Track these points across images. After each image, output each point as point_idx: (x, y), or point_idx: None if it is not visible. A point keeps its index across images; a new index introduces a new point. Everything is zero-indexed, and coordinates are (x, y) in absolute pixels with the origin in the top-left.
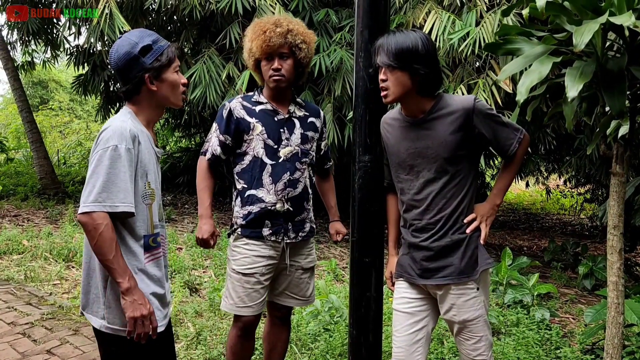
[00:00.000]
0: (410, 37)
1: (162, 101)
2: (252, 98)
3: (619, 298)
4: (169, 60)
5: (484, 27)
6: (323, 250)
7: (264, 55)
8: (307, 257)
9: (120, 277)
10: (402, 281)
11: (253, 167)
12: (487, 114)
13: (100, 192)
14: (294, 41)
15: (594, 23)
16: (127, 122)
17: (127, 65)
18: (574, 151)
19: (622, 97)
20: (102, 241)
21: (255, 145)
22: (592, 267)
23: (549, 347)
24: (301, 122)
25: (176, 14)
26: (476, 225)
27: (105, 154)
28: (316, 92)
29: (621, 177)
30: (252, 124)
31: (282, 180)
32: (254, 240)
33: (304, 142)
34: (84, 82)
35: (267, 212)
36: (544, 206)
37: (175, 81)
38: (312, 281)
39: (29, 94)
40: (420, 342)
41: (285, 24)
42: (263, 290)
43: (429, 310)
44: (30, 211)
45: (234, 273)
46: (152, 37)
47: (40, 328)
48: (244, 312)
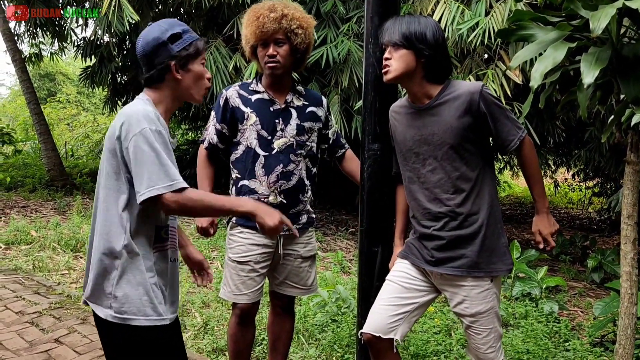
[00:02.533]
0: (420, 21)
1: (184, 92)
2: (250, 87)
3: (632, 288)
4: (196, 51)
5: (493, 17)
6: (329, 243)
7: (258, 41)
8: (306, 246)
9: (238, 207)
10: (406, 262)
11: (246, 157)
12: (494, 102)
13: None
14: (289, 26)
15: (611, 7)
16: (148, 107)
17: (154, 51)
18: (583, 144)
19: (638, 84)
20: (211, 205)
21: (248, 135)
22: (601, 261)
23: (558, 340)
24: (298, 112)
25: (183, 5)
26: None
27: (145, 136)
28: (323, 83)
29: (636, 165)
30: (247, 113)
31: (275, 172)
32: (249, 229)
33: (300, 133)
34: (92, 74)
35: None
36: (552, 200)
37: (200, 73)
38: (313, 270)
39: (36, 87)
40: (402, 317)
41: (280, 8)
42: (259, 278)
43: (423, 296)
44: (38, 202)
45: (230, 261)
46: (182, 27)
47: (49, 317)
48: (240, 300)
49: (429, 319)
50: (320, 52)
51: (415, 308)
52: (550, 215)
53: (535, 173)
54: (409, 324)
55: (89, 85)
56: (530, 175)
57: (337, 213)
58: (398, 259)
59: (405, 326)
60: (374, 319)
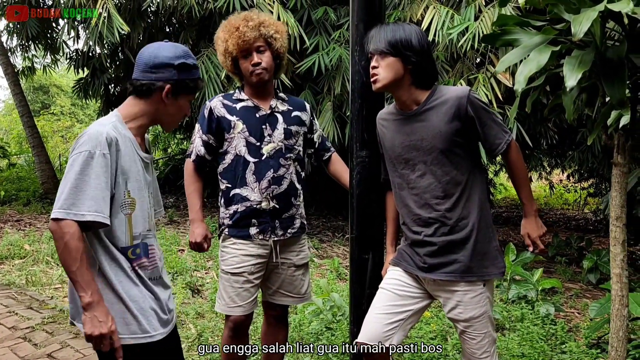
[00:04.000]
0: (405, 28)
1: (162, 117)
2: (233, 96)
3: (623, 290)
4: (193, 89)
5: (483, 22)
6: (325, 249)
7: (241, 52)
8: (298, 254)
9: (82, 291)
10: (399, 269)
11: (235, 165)
12: (481, 107)
13: (66, 199)
14: (267, 32)
15: (593, 11)
16: (106, 127)
17: (159, 66)
18: (577, 145)
19: (622, 86)
20: (67, 251)
21: (237, 143)
22: (597, 261)
23: (554, 342)
24: (284, 116)
25: (175, 15)
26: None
27: (78, 160)
28: (316, 91)
29: (623, 167)
30: (233, 122)
31: (266, 178)
32: (242, 239)
33: (288, 137)
34: (85, 86)
35: (252, 210)
36: (547, 201)
37: (184, 107)
38: (306, 278)
39: (30, 99)
40: (397, 325)
41: (255, 17)
42: (253, 289)
43: (417, 303)
44: (32, 216)
45: (224, 273)
46: (194, 62)
47: (41, 332)
48: (235, 312)
49: (425, 324)
50: (312, 59)
51: (410, 315)
52: (538, 218)
53: (523, 176)
54: (404, 332)
55: (82, 97)
56: (518, 178)
57: (333, 219)
58: (390, 267)
59: (401, 334)
60: (369, 328)
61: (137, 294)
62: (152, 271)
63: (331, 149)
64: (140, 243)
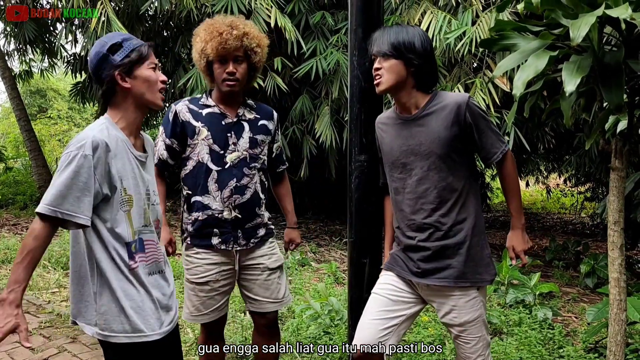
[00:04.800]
0: (408, 30)
1: (139, 99)
2: (200, 101)
3: (621, 295)
4: (140, 55)
5: (480, 26)
6: (323, 253)
7: (218, 57)
8: (270, 257)
9: (8, 286)
10: (392, 273)
11: (197, 172)
12: (480, 114)
13: (49, 196)
14: (249, 45)
15: (591, 16)
16: (93, 130)
17: (98, 65)
18: (574, 150)
19: (619, 91)
20: (23, 244)
21: (200, 150)
22: (594, 265)
23: (552, 347)
24: (251, 125)
25: (172, 19)
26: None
27: (62, 161)
28: (314, 95)
29: (620, 172)
30: (198, 128)
31: (229, 187)
32: (204, 248)
33: (253, 146)
34: (82, 90)
35: (214, 219)
36: (544, 205)
37: (149, 77)
38: (282, 281)
39: (27, 103)
40: (391, 330)
41: (241, 26)
42: (220, 297)
43: (411, 308)
44: (29, 220)
45: (189, 282)
46: (123, 37)
47: (38, 336)
48: (202, 320)
49: (423, 328)
50: (310, 64)
51: (403, 320)
52: (525, 232)
53: (514, 187)
54: (398, 337)
55: (79, 100)
56: (510, 189)
57: (330, 223)
58: (383, 271)
59: (395, 339)
60: (363, 333)
61: (134, 293)
62: (152, 265)
63: (285, 162)
64: (137, 239)
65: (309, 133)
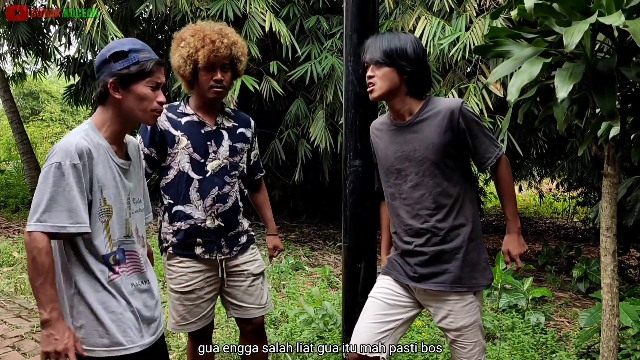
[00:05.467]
0: (400, 37)
1: (128, 114)
2: (178, 109)
3: (613, 300)
4: (141, 72)
5: (473, 32)
6: (317, 257)
7: (207, 64)
8: (254, 263)
9: (41, 307)
10: (389, 278)
11: (179, 182)
12: (473, 119)
13: (43, 212)
14: (236, 53)
15: (584, 23)
16: (77, 137)
17: (99, 68)
18: (566, 155)
19: (612, 98)
20: (34, 265)
21: (180, 159)
22: (586, 270)
23: (545, 351)
24: (230, 133)
25: (167, 22)
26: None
27: (50, 172)
28: (308, 99)
29: (613, 178)
30: (177, 137)
31: (211, 196)
32: (187, 257)
33: (233, 154)
34: (75, 93)
35: (197, 228)
36: (537, 210)
37: (144, 95)
38: (265, 287)
39: (19, 105)
40: (387, 334)
41: (230, 35)
42: (205, 304)
43: (407, 312)
44: (21, 223)
45: (173, 292)
46: (131, 46)
47: (30, 341)
48: (189, 329)
49: (417, 333)
50: (304, 68)
51: (400, 324)
52: (520, 236)
53: (509, 192)
54: (394, 341)
55: (73, 103)
56: (505, 194)
57: (324, 227)
58: (380, 275)
59: (391, 342)
60: (359, 337)
61: (113, 305)
62: (133, 276)
63: (263, 170)
64: (118, 250)
65: (304, 137)
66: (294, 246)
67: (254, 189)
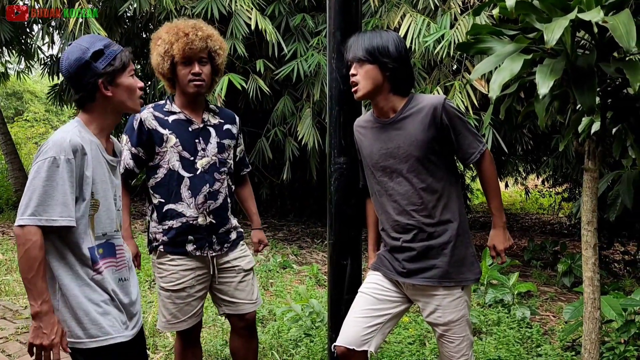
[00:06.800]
0: (382, 35)
1: (119, 106)
2: (164, 107)
3: (595, 293)
4: (123, 64)
5: (458, 30)
6: (305, 256)
7: (184, 58)
8: (244, 259)
9: (32, 300)
10: (378, 273)
11: (169, 180)
12: (456, 115)
13: (37, 206)
14: (213, 46)
15: (564, 19)
16: (69, 133)
17: (79, 72)
18: (551, 151)
19: (592, 94)
20: (27, 258)
21: (170, 157)
22: (571, 265)
23: (530, 345)
24: (217, 130)
25: (152, 21)
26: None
27: (43, 166)
28: (295, 97)
29: (593, 172)
30: (166, 135)
31: (202, 193)
32: (178, 255)
33: (221, 151)
34: (59, 92)
35: (188, 226)
36: (523, 206)
37: (131, 85)
38: (255, 282)
39: (3, 106)
40: (375, 329)
41: (205, 28)
42: (196, 302)
43: (396, 307)
44: (5, 224)
45: (164, 290)
46: (103, 42)
47: (15, 342)
48: (179, 327)
49: (404, 329)
50: (291, 66)
51: (389, 319)
52: (506, 231)
53: (494, 187)
54: (382, 336)
55: (57, 103)
56: (490, 189)
57: (312, 225)
58: (370, 271)
59: (379, 338)
60: (347, 331)
61: (97, 297)
62: (121, 271)
63: (249, 166)
64: (105, 243)
65: (291, 135)
66: (282, 245)
67: (240, 184)
